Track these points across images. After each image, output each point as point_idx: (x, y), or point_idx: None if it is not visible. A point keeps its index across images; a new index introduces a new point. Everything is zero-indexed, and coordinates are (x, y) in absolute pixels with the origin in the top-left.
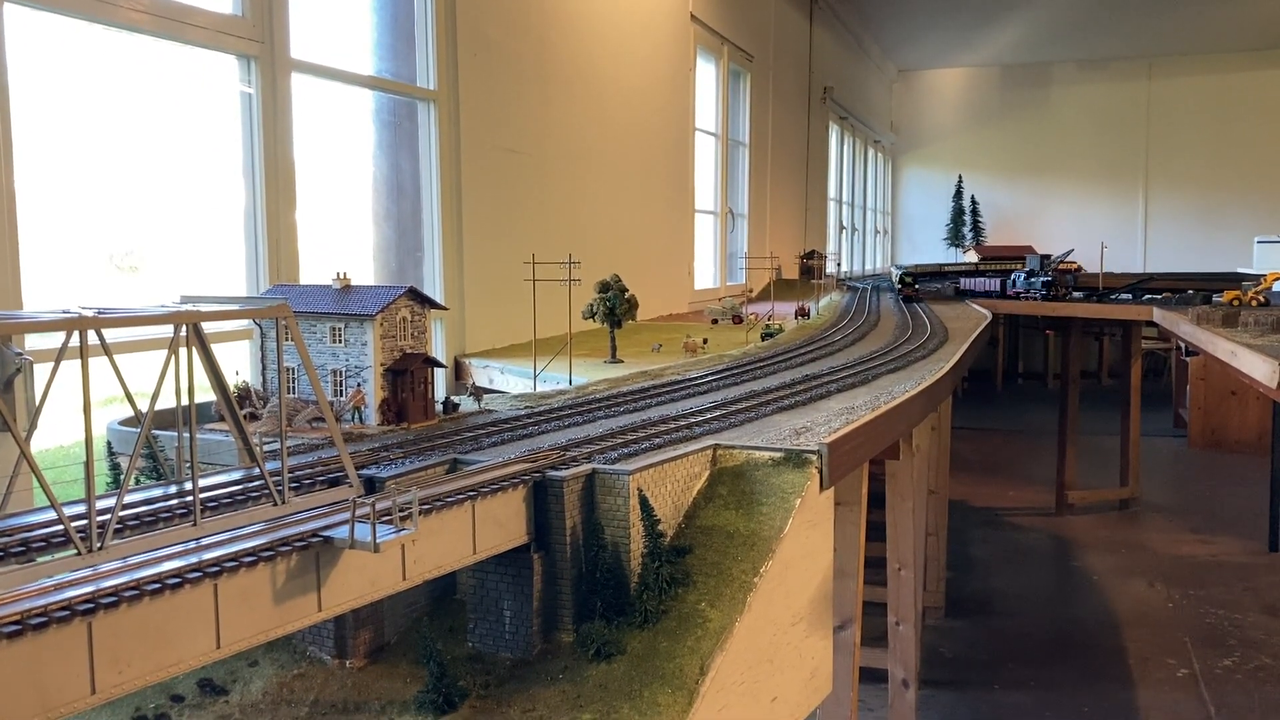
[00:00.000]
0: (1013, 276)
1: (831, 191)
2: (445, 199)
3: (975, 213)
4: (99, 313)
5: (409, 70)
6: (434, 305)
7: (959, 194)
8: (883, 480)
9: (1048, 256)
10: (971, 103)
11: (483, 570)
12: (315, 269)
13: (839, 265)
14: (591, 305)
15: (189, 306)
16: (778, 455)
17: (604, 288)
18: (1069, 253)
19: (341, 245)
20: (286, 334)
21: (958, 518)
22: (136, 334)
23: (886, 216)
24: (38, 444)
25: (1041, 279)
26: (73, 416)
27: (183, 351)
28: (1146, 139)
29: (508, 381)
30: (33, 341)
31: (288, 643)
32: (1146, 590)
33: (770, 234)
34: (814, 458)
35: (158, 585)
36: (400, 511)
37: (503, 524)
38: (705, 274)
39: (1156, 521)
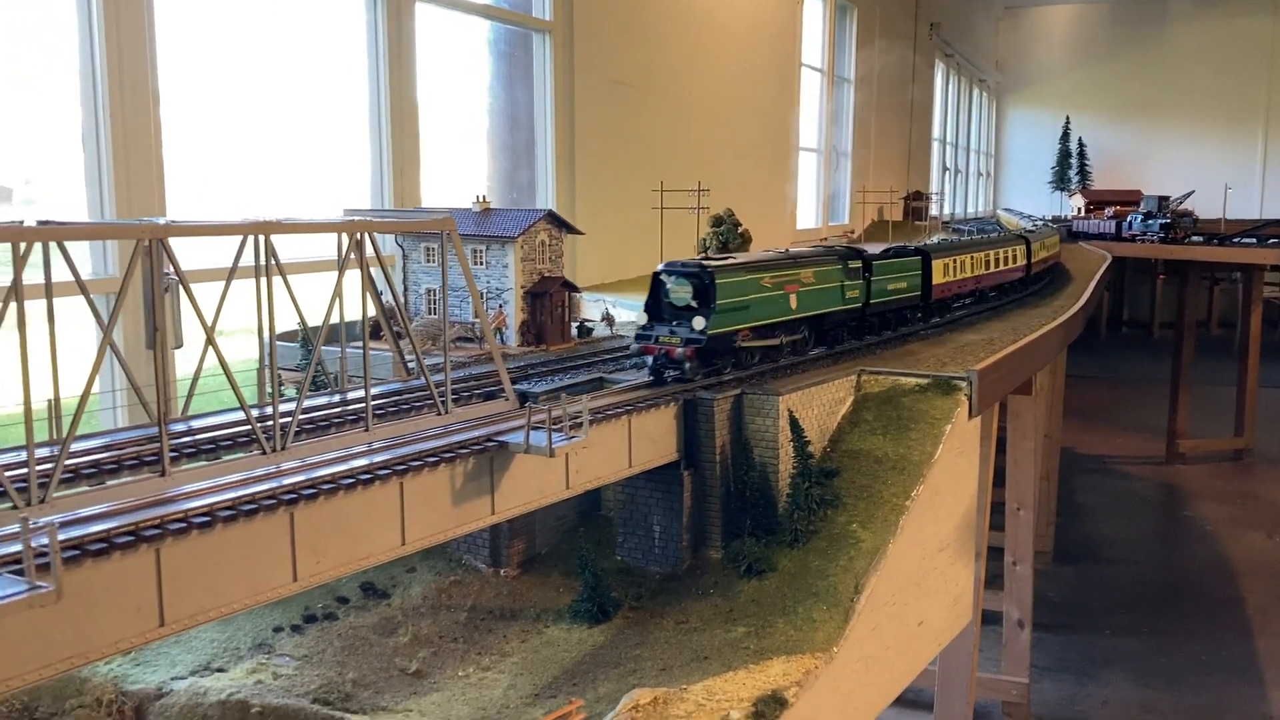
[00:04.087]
0: (1129, 218)
1: (936, 131)
2: (559, 131)
3: (1082, 155)
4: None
5: (525, 1)
6: (571, 229)
7: (1065, 136)
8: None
9: (1166, 198)
10: (1080, 41)
11: (632, 486)
12: (433, 197)
13: (942, 207)
14: (704, 239)
15: (358, 218)
16: (925, 381)
17: (717, 222)
18: (1189, 195)
19: (459, 174)
20: (444, 250)
21: (1064, 464)
22: (298, 255)
23: (989, 159)
24: (186, 358)
25: (1159, 221)
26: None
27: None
28: (1268, 78)
29: (620, 315)
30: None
31: (443, 550)
32: (1265, 541)
33: (873, 174)
34: (963, 385)
35: (351, 480)
36: (570, 420)
37: (655, 440)
38: (807, 213)
39: (1274, 473)
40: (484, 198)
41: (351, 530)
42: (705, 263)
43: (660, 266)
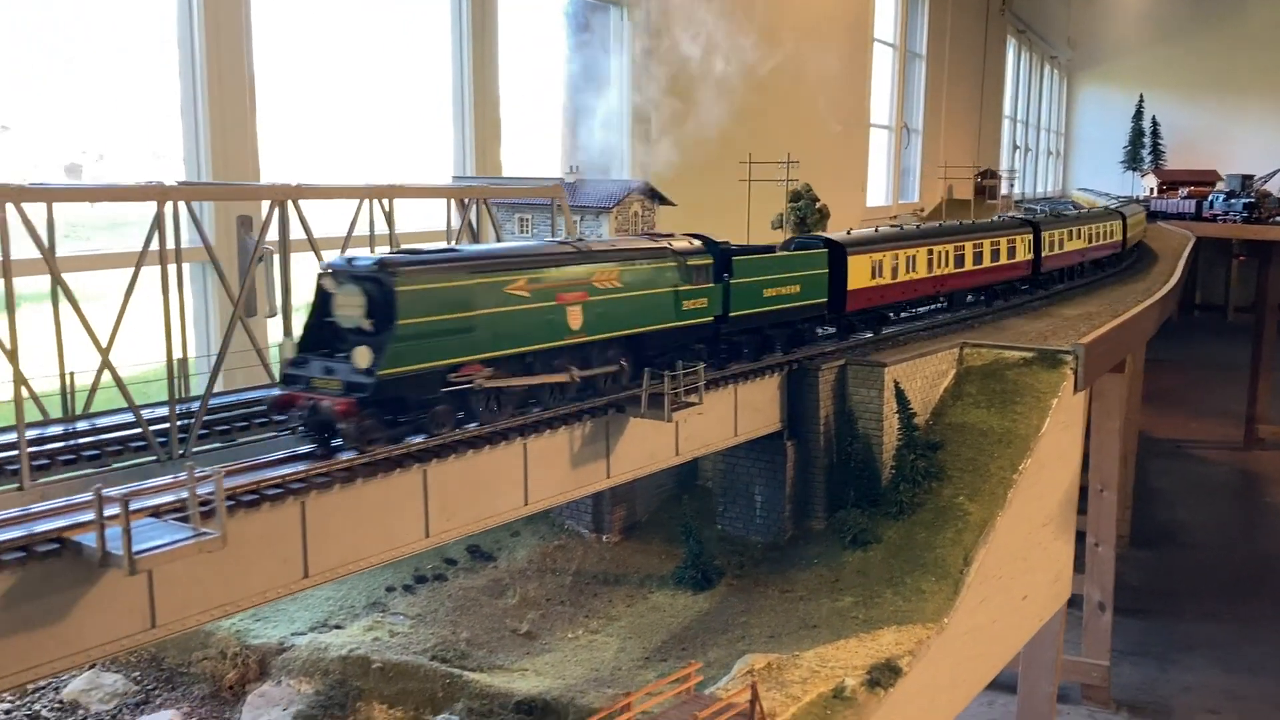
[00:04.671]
0: (1210, 198)
1: (1007, 109)
2: (635, 107)
3: (1155, 134)
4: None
5: None
6: (663, 200)
7: (1139, 114)
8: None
9: (1250, 177)
10: (1156, 17)
11: (733, 456)
12: (512, 168)
13: (1013, 186)
14: (781, 215)
15: (473, 184)
16: (1030, 355)
17: (795, 197)
18: (1275, 173)
19: (536, 145)
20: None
21: (1139, 448)
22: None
23: (1060, 137)
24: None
25: (1242, 200)
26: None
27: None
28: None
29: None
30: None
31: (546, 516)
32: None
33: (944, 151)
34: (1069, 358)
35: (480, 439)
36: (684, 387)
37: (760, 409)
38: (877, 190)
39: None
40: (577, 168)
41: (479, 489)
42: (389, 259)
43: (325, 263)
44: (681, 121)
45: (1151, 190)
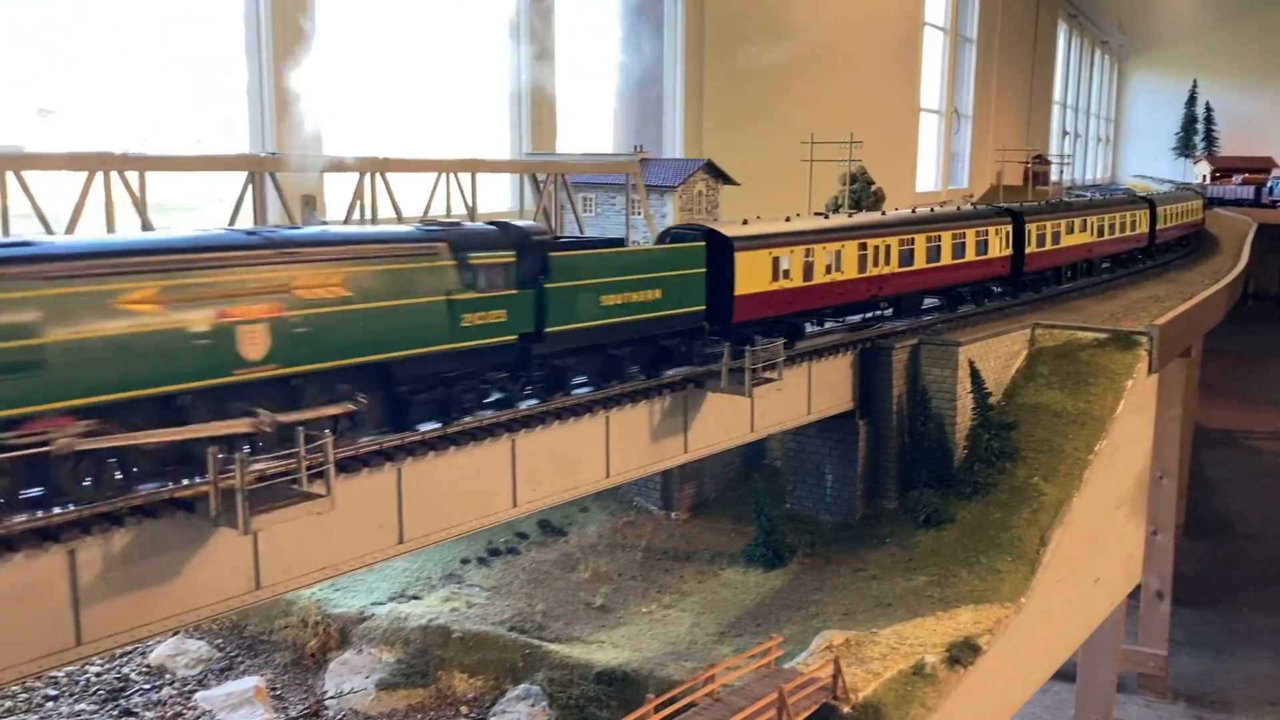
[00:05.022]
0: (1270, 184)
1: (1057, 94)
2: (688, 88)
3: (1209, 120)
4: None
5: None
6: (727, 180)
7: (1192, 100)
8: None
9: None
10: (1211, 1)
11: (803, 435)
12: (566, 148)
13: (1062, 172)
14: (835, 198)
15: (552, 159)
16: (1103, 336)
17: (849, 179)
18: None
19: (588, 126)
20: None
21: (1193, 437)
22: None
23: (1109, 124)
24: None
25: None
26: None
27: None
28: None
29: None
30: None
31: (614, 493)
32: None
33: (993, 136)
34: (1144, 340)
35: (565, 410)
36: (764, 363)
37: (833, 388)
38: (926, 176)
39: None
40: (642, 147)
41: (563, 462)
42: None
43: None
44: (734, 102)
45: (1204, 177)
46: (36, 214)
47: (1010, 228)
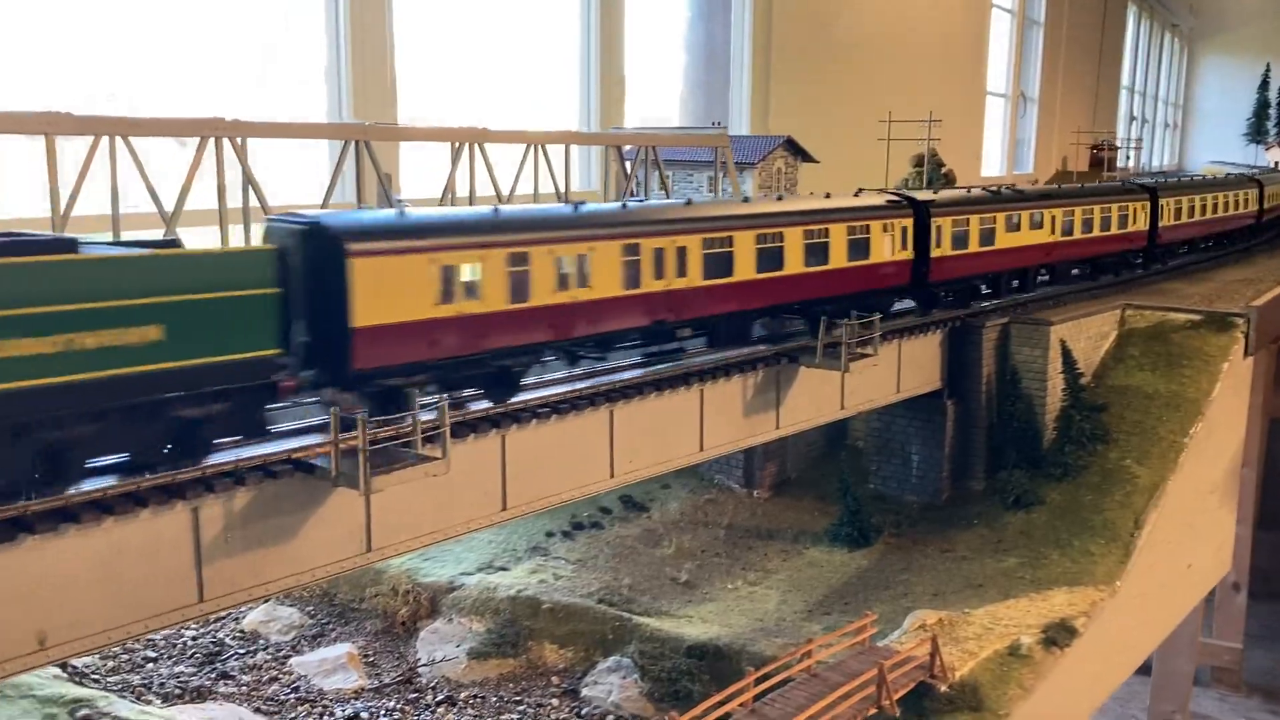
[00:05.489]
0: None
1: (1124, 79)
2: (755, 68)
3: None
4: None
5: None
6: (806, 157)
7: (1264, 85)
8: None
9: None
10: None
11: (889, 415)
12: (634, 123)
13: (1129, 158)
14: (906, 179)
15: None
16: (1197, 317)
17: (920, 161)
18: None
19: (654, 110)
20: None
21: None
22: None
23: (1177, 109)
24: None
25: None
26: None
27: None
28: None
29: None
30: None
31: (694, 470)
32: None
33: (1059, 121)
34: (1240, 322)
35: (663, 381)
36: (857, 339)
37: (922, 367)
38: (992, 159)
39: None
40: (720, 123)
41: (659, 433)
42: None
43: None
44: (801, 82)
45: (1276, 164)
46: (144, 181)
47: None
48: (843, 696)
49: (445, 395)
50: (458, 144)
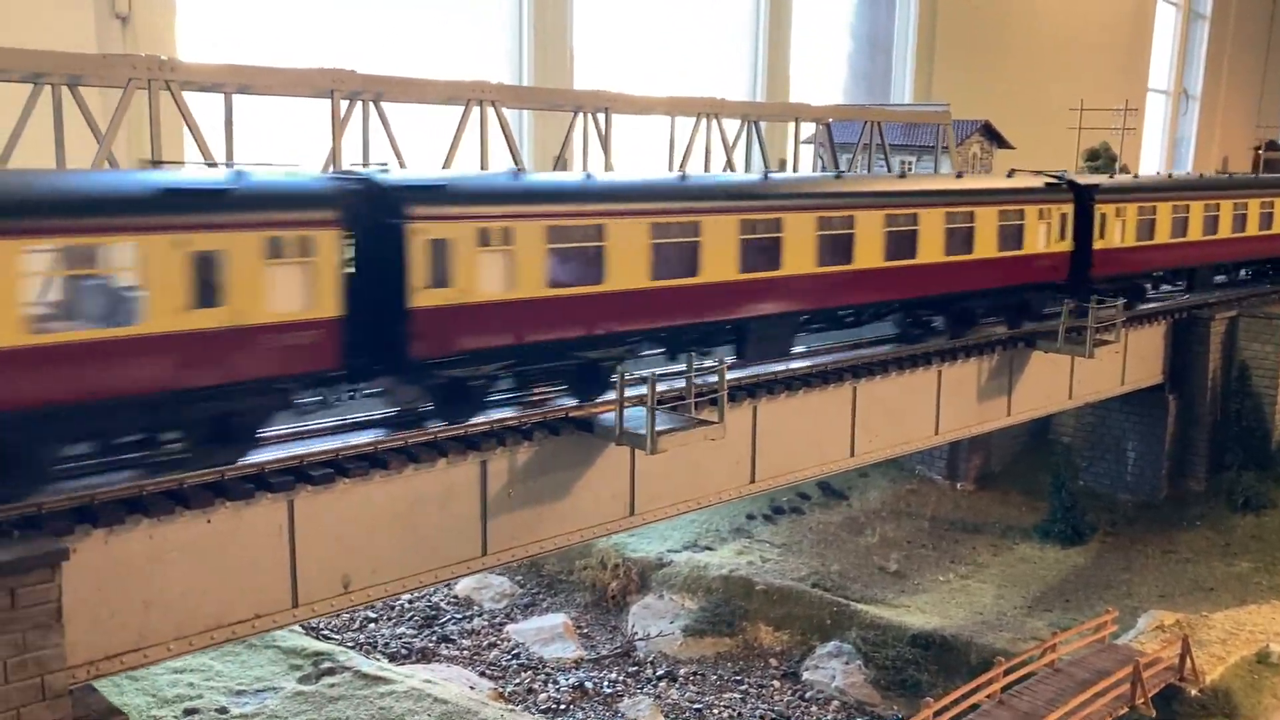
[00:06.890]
0: None
1: None
2: (919, 58)
3: None
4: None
5: None
6: (1003, 144)
7: None
8: None
9: None
10: None
11: (1104, 409)
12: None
13: None
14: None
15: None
16: None
17: (1092, 156)
18: None
19: (819, 86)
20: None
21: None
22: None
23: None
24: None
25: None
26: None
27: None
28: None
29: None
30: None
31: (894, 460)
32: None
33: (1221, 120)
34: None
35: (904, 360)
36: (1101, 324)
37: (1145, 359)
38: (1150, 158)
39: None
40: (945, 104)
41: (897, 415)
42: None
43: None
44: (965, 69)
45: None
46: (391, 146)
47: None
48: (1096, 694)
49: (723, 360)
50: (696, 115)
